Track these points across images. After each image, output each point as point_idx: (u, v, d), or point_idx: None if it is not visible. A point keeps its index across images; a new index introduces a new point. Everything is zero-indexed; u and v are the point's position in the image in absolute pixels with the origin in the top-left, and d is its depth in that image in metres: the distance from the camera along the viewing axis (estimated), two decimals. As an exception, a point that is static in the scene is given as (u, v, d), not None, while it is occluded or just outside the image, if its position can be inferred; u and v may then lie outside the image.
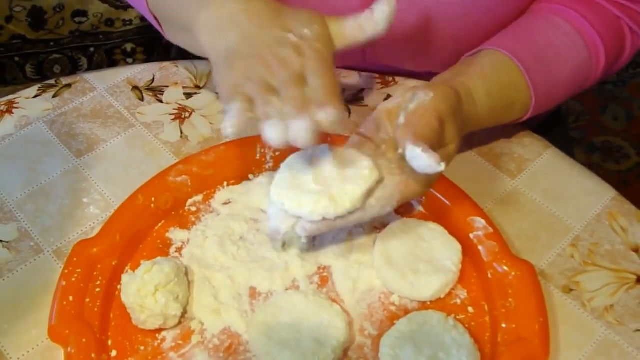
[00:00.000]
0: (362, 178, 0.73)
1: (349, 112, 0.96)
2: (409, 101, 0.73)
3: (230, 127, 0.67)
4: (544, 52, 0.90)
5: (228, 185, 0.89)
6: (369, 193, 0.73)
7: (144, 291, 0.74)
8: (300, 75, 0.69)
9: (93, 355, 0.72)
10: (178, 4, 0.83)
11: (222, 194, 0.88)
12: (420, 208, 0.86)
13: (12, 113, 0.99)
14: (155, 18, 0.93)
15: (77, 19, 2.27)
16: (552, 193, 0.90)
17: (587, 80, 0.94)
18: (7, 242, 0.85)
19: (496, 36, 0.91)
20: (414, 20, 0.93)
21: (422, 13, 0.93)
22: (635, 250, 0.85)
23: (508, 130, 0.96)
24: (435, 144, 0.72)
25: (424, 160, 0.68)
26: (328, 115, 0.66)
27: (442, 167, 0.67)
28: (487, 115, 0.85)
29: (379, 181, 0.74)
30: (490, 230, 0.81)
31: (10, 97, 1.01)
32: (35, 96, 1.01)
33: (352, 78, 1.03)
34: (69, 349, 0.72)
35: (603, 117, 2.26)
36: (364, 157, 0.74)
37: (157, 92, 1.01)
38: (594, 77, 0.94)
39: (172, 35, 0.93)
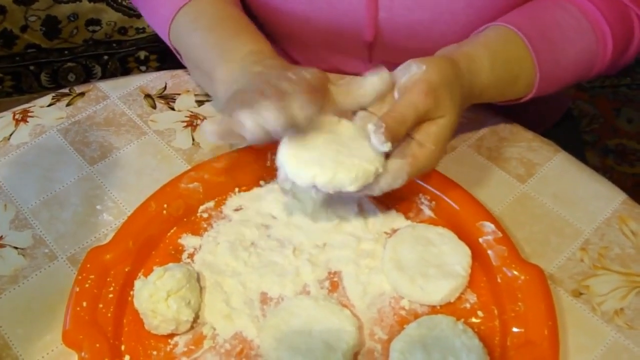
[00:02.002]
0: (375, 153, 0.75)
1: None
2: (402, 74, 0.76)
3: (210, 134, 0.73)
4: (551, 31, 0.90)
5: (239, 191, 0.90)
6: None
7: (156, 297, 0.75)
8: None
9: (106, 360, 0.73)
10: (201, 50, 0.91)
11: (234, 200, 0.89)
12: (430, 213, 0.87)
13: (27, 122, 1.00)
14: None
15: (90, 28, 2.30)
16: (561, 197, 0.90)
17: (594, 66, 0.94)
18: (23, 248, 0.86)
19: (504, 15, 0.92)
20: (420, 16, 0.94)
21: (428, 8, 0.94)
22: (645, 254, 0.85)
23: (517, 134, 0.96)
24: (424, 116, 0.74)
25: (372, 139, 0.73)
26: (302, 106, 0.73)
27: (385, 147, 0.73)
28: (492, 86, 0.85)
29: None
30: (500, 234, 0.81)
31: (25, 106, 1.03)
32: (50, 105, 1.02)
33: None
34: (82, 354, 0.73)
35: (617, 120, 2.26)
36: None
37: (169, 99, 1.02)
38: (600, 64, 0.94)
39: (190, 70, 1.01)
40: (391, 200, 0.87)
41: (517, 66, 0.88)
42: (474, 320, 0.78)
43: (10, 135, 0.99)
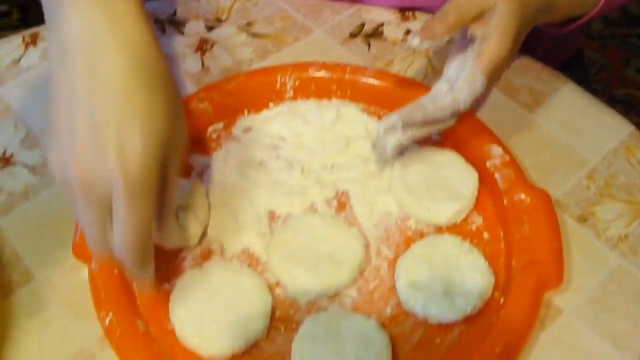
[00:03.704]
0: None
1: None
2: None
3: None
4: None
5: (249, 113, 0.90)
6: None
7: None
8: None
9: (115, 272, 0.74)
10: None
11: (243, 121, 0.89)
12: (438, 137, 0.87)
13: (37, 45, 1.00)
14: None
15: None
16: (569, 126, 0.90)
17: None
18: (33, 167, 0.87)
19: None
20: None
21: None
22: (652, 184, 0.85)
23: (527, 65, 0.96)
24: (474, 11, 0.72)
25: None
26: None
27: (415, 42, 0.72)
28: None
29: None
30: (507, 158, 0.81)
31: (35, 29, 1.03)
32: (59, 28, 1.02)
33: (373, 13, 1.03)
34: (92, 265, 0.74)
35: (626, 69, 2.25)
36: None
37: (178, 24, 1.02)
38: None
39: None
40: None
41: None
42: (479, 241, 0.79)
43: (20, 58, 0.99)
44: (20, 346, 0.73)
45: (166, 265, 0.77)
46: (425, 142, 0.86)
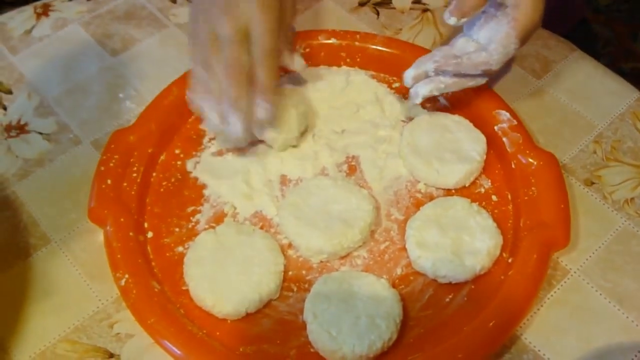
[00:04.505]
0: None
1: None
2: None
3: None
4: None
5: (260, 80, 0.91)
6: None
7: None
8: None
9: (131, 234, 0.75)
10: None
11: (254, 88, 0.90)
12: (446, 102, 0.88)
13: (48, 15, 1.01)
14: None
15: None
16: (576, 92, 0.91)
17: None
18: (47, 134, 0.88)
19: None
20: None
21: None
22: (658, 149, 0.86)
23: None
24: None
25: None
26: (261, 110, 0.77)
27: (451, 21, 0.76)
28: None
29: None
30: (515, 122, 0.83)
31: (46, 0, 1.04)
32: (70, -1, 1.03)
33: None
34: (107, 227, 0.76)
35: (634, 43, 2.24)
36: None
37: (188, -6, 1.03)
38: None
39: None
40: (408, 90, 0.88)
41: None
42: (487, 204, 0.80)
43: (32, 28, 1.00)
44: (38, 308, 0.74)
45: (180, 229, 0.79)
46: (434, 107, 0.88)
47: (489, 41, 0.77)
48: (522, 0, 0.75)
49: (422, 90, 0.80)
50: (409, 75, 0.80)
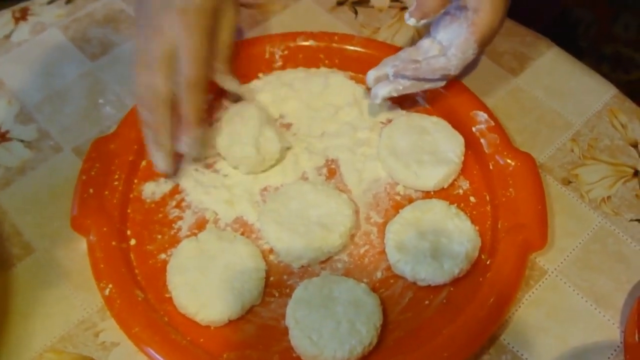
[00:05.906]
0: None
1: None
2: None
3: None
4: None
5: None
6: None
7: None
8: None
9: (114, 243, 0.76)
10: None
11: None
12: (425, 103, 0.89)
13: (27, 19, 1.01)
14: None
15: None
16: (553, 90, 0.92)
17: None
18: (28, 141, 0.88)
19: None
20: None
21: None
22: (634, 146, 0.87)
23: (511, 29, 0.97)
24: None
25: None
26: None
27: (411, 22, 0.77)
28: None
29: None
30: (492, 123, 0.83)
31: (23, 4, 1.03)
32: (49, 3, 1.03)
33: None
34: (90, 237, 0.76)
35: (614, 26, 2.25)
36: None
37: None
38: None
39: None
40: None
41: None
42: (466, 205, 0.81)
43: (11, 33, 1.00)
44: (23, 318, 0.75)
45: (163, 235, 0.79)
46: (412, 108, 0.88)
47: (450, 44, 0.78)
48: (482, 5, 0.75)
49: (381, 92, 0.81)
50: (371, 76, 0.82)
